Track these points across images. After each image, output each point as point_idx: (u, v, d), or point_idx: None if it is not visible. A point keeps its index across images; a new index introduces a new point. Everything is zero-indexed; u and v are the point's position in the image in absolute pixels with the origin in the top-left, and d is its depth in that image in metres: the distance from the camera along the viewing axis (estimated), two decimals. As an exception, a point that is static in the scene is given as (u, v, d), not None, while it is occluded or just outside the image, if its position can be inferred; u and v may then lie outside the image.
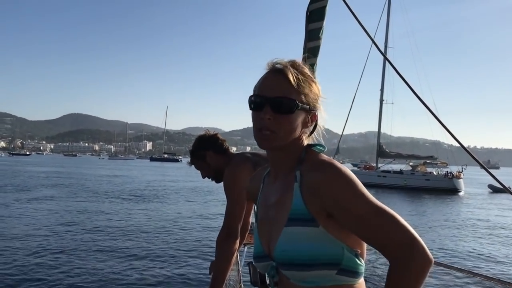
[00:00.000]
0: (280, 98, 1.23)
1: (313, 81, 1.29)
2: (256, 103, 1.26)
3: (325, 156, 1.27)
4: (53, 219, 15.49)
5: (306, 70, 1.29)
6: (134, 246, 11.47)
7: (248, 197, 1.54)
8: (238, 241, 2.91)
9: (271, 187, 1.36)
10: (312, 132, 1.36)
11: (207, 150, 3.04)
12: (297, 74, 1.25)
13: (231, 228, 2.83)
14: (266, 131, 1.24)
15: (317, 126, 1.35)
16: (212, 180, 3.14)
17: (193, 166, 3.15)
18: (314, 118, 1.32)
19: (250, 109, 1.28)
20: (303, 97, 1.25)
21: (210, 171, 3.09)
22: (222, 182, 2.97)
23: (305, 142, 1.33)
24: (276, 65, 1.28)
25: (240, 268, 3.89)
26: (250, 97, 1.29)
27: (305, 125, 1.30)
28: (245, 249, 4.39)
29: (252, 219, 3.67)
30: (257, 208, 1.41)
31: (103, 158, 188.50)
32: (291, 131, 1.25)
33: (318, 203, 1.17)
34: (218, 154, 3.04)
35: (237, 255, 3.69)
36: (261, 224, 1.35)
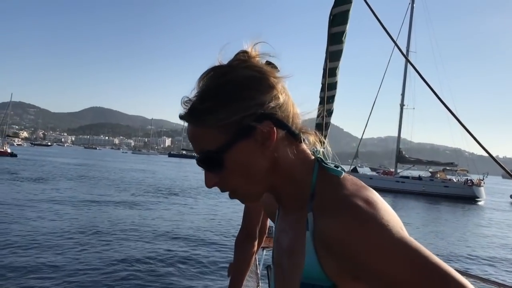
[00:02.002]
0: (200, 155, 0.89)
1: (244, 85, 0.87)
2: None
3: (346, 186, 0.86)
4: (90, 214, 15.70)
5: (231, 75, 0.88)
6: (152, 243, 11.55)
7: (268, 215, 1.22)
8: (256, 242, 2.91)
9: (284, 222, 0.98)
10: (297, 137, 0.92)
11: None
12: (201, 104, 0.87)
13: (249, 230, 2.81)
14: (230, 194, 0.93)
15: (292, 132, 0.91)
16: None
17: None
18: (268, 131, 0.86)
19: None
20: (225, 128, 0.85)
21: None
22: None
23: (307, 150, 0.94)
24: (181, 112, 0.90)
25: (258, 272, 3.88)
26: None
27: (263, 148, 0.87)
28: (264, 253, 4.39)
29: (269, 221, 3.68)
30: (273, 241, 1.06)
31: (126, 152, 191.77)
32: (247, 177, 0.89)
33: (336, 262, 0.81)
34: None
35: (255, 258, 3.69)
36: (276, 269, 1.01)
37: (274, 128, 0.86)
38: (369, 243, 0.76)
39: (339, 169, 0.90)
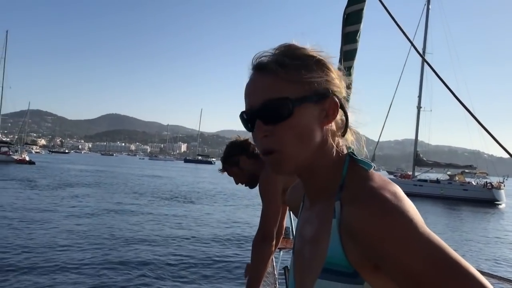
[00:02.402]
0: (266, 103, 0.89)
1: (317, 61, 0.92)
2: (247, 121, 0.94)
3: (374, 179, 0.89)
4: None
5: (307, 50, 0.93)
6: (171, 246, 11.61)
7: (291, 210, 1.24)
8: (273, 244, 2.90)
9: (308, 211, 1.01)
10: (346, 128, 0.97)
11: (240, 155, 3.02)
12: (287, 59, 0.90)
13: (266, 231, 2.81)
14: (269, 154, 0.90)
15: (348, 119, 0.96)
16: (245, 186, 3.12)
17: (225, 173, 3.13)
18: (334, 106, 0.92)
19: (247, 130, 0.96)
20: (304, 86, 0.89)
21: (244, 177, 3.07)
22: (257, 186, 2.96)
23: (343, 146, 0.97)
24: (257, 60, 0.94)
25: (276, 272, 3.87)
26: (240, 116, 0.97)
27: (325, 120, 0.92)
28: (281, 254, 4.38)
29: (286, 222, 3.66)
30: (295, 234, 1.08)
31: (143, 159, 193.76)
32: (302, 141, 0.89)
33: (359, 250, 0.83)
34: (251, 158, 3.02)
35: (272, 259, 3.68)
36: (297, 258, 1.02)
37: (339, 108, 0.93)
38: (394, 233, 0.78)
39: (366, 164, 0.93)
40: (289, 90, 0.88)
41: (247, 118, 0.93)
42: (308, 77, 0.89)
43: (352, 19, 3.47)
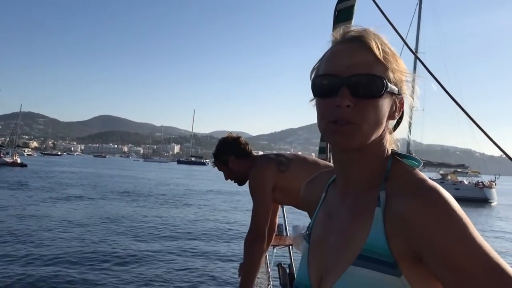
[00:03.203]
0: (362, 76, 0.87)
1: (398, 55, 0.94)
2: (328, 85, 0.89)
3: (423, 175, 0.89)
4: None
5: (387, 41, 0.94)
6: (163, 246, 11.58)
7: (303, 205, 1.20)
8: (265, 242, 2.90)
9: (337, 202, 1.00)
10: (396, 127, 1.00)
11: (229, 155, 3.04)
12: (381, 44, 0.90)
13: (258, 230, 2.82)
14: (345, 124, 0.87)
15: (403, 120, 1.00)
16: (235, 182, 3.15)
17: (216, 167, 3.17)
18: (401, 105, 0.95)
19: (316, 95, 0.93)
20: (390, 74, 0.90)
21: (232, 175, 3.10)
22: (247, 184, 2.98)
23: (388, 144, 0.97)
24: (350, 34, 0.93)
25: (269, 270, 3.89)
26: (316, 78, 0.93)
27: (391, 116, 0.94)
28: (274, 251, 4.40)
29: (278, 220, 3.67)
30: (312, 224, 1.07)
31: (138, 160, 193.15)
32: (377, 124, 0.89)
33: (405, 240, 0.81)
34: (241, 158, 3.04)
35: (266, 257, 3.69)
36: (314, 247, 1.01)
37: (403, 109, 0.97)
38: (449, 226, 0.77)
39: (415, 162, 0.94)
40: (384, 73, 0.89)
41: (329, 82, 0.89)
42: (394, 67, 0.91)
43: (343, 16, 3.49)
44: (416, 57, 3.46)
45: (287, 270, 3.77)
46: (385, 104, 0.90)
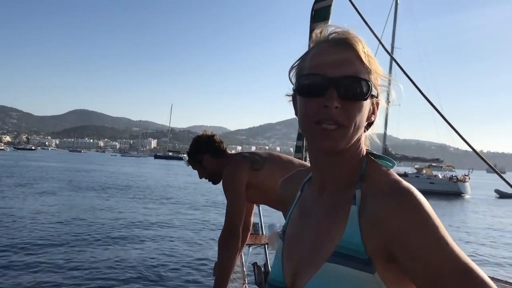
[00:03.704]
0: (350, 78, 0.89)
1: (374, 57, 0.96)
2: (314, 85, 0.90)
3: (398, 176, 0.92)
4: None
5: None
6: (135, 244, 11.48)
7: (279, 203, 1.20)
8: (240, 241, 2.90)
9: (313, 200, 1.02)
10: (367, 128, 1.00)
11: (204, 154, 3.03)
12: (364, 47, 0.92)
13: (232, 228, 2.82)
14: (332, 124, 0.88)
15: (375, 120, 1.01)
16: (209, 181, 3.13)
17: (190, 166, 3.15)
18: (377, 107, 0.98)
19: (301, 94, 0.93)
20: (372, 77, 0.92)
21: (207, 173, 3.08)
22: (221, 183, 2.97)
23: (364, 144, 1.00)
24: (335, 35, 0.94)
25: (244, 269, 3.89)
26: (301, 77, 0.93)
27: (369, 118, 0.96)
28: (250, 250, 4.40)
29: (254, 219, 3.67)
30: (287, 222, 1.09)
31: (115, 155, 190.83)
32: (360, 126, 0.91)
33: (380, 239, 0.84)
34: (215, 157, 3.03)
35: (241, 256, 3.69)
36: (289, 245, 1.02)
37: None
38: (425, 225, 0.81)
39: (389, 163, 0.98)
40: (369, 76, 0.91)
41: (317, 82, 0.90)
42: (374, 70, 0.93)
43: (320, 16, 3.50)
44: (392, 58, 3.50)
45: (263, 269, 3.78)
46: (367, 107, 0.92)
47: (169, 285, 8.23)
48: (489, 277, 0.80)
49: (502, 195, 38.39)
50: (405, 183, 0.88)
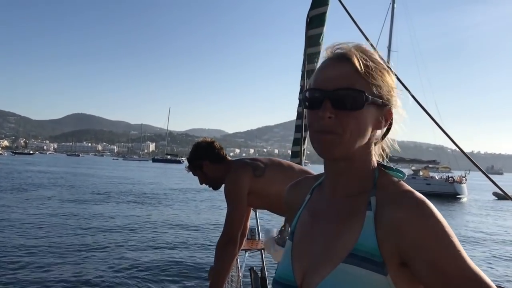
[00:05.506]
0: (343, 90, 0.95)
1: (385, 69, 1.01)
2: (312, 98, 0.98)
3: (410, 187, 0.98)
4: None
5: (376, 56, 1.01)
6: (132, 246, 11.48)
7: (285, 207, 1.24)
8: (238, 246, 2.92)
9: (325, 204, 1.06)
10: (384, 136, 1.07)
11: (204, 160, 3.04)
12: (365, 60, 0.97)
13: (231, 234, 2.83)
14: (327, 134, 0.95)
15: (391, 129, 1.06)
16: (209, 187, 3.15)
17: (190, 172, 3.16)
18: (388, 116, 1.02)
19: (305, 107, 1.01)
20: (374, 88, 0.97)
21: (207, 179, 3.10)
22: (223, 188, 2.99)
23: (374, 154, 1.05)
24: (337, 50, 1.00)
25: (240, 274, 3.90)
26: (305, 92, 1.02)
27: (376, 125, 1.01)
28: (246, 255, 4.41)
29: (250, 224, 3.69)
30: (295, 223, 1.12)
31: (117, 159, 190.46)
32: (359, 133, 0.96)
33: (396, 245, 0.89)
34: (215, 163, 3.05)
35: (237, 261, 3.71)
36: (299, 245, 1.06)
37: (392, 119, 1.03)
38: (439, 235, 0.88)
39: (401, 174, 1.03)
40: (365, 86, 0.96)
41: (314, 96, 0.98)
42: (378, 83, 0.98)
43: (315, 22, 3.53)
44: (387, 66, 3.54)
45: (259, 274, 3.80)
46: (368, 115, 0.97)
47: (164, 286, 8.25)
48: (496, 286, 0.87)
49: (500, 198, 38.13)
50: (418, 193, 0.94)
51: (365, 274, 0.89)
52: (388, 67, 1.03)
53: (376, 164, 1.04)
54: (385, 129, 1.05)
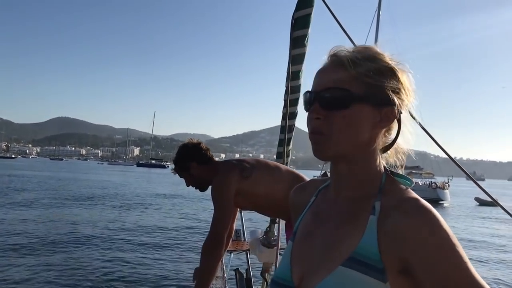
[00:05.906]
0: (328, 90, 0.95)
1: (391, 69, 0.97)
2: (306, 101, 1.00)
3: (416, 195, 0.96)
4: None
5: (384, 56, 0.98)
6: (118, 249, 11.37)
7: (291, 209, 1.22)
8: (224, 248, 2.90)
9: (328, 205, 1.06)
10: (394, 141, 1.04)
11: (191, 162, 3.01)
12: (359, 59, 0.94)
13: (217, 236, 2.81)
14: (316, 134, 0.96)
15: (400, 133, 1.02)
16: (196, 189, 3.12)
17: (177, 174, 3.13)
18: (391, 116, 0.98)
19: (304, 110, 1.03)
20: (369, 86, 0.94)
21: (194, 181, 3.08)
22: (210, 190, 2.96)
23: (380, 158, 1.03)
24: (332, 53, 1.00)
25: (225, 275, 3.89)
26: (304, 94, 1.03)
27: (375, 125, 0.97)
28: (231, 256, 4.40)
29: (236, 225, 3.68)
30: (298, 224, 1.11)
31: (102, 163, 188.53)
32: (348, 133, 0.94)
33: (399, 252, 0.87)
34: (202, 165, 3.02)
35: (222, 262, 3.70)
36: (299, 246, 1.05)
37: (395, 119, 0.99)
38: (443, 243, 0.85)
39: (408, 181, 1.01)
40: (352, 85, 0.94)
41: (307, 98, 0.99)
42: (374, 80, 0.94)
43: (300, 24, 3.54)
44: (393, 67, 3.57)
45: (244, 275, 3.79)
46: (359, 114, 0.94)
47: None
48: None
49: (482, 203, 38.62)
50: (424, 201, 0.91)
51: (364, 279, 0.87)
52: (395, 68, 0.98)
53: (383, 169, 1.02)
54: (394, 132, 1.02)
